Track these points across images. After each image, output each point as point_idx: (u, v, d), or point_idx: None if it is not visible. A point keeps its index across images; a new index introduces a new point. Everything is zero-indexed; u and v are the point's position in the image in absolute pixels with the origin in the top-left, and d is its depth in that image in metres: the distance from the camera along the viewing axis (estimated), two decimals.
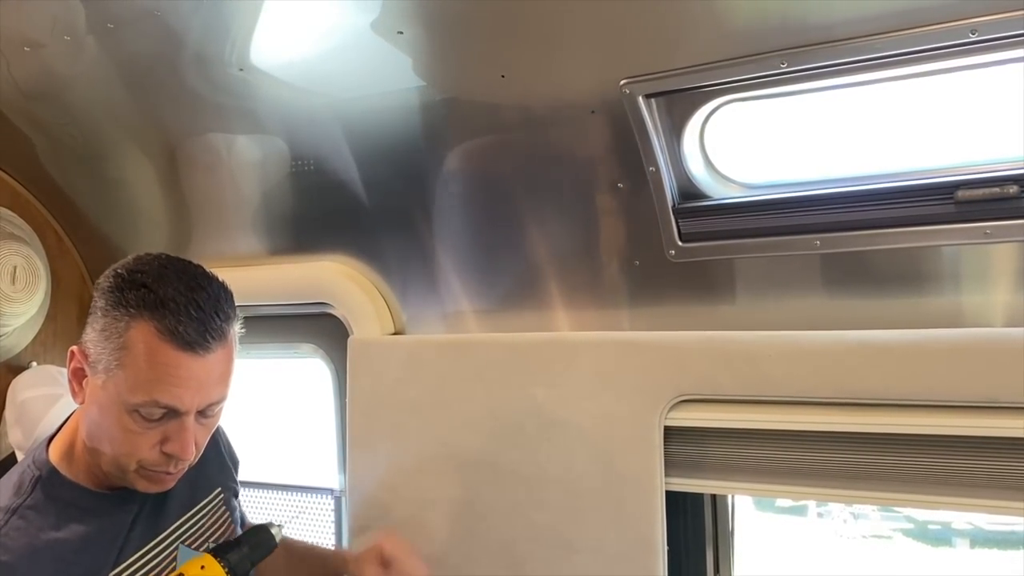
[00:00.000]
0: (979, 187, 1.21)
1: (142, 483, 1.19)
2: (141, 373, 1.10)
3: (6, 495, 1.17)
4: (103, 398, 1.13)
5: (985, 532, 3.63)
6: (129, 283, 1.13)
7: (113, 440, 1.15)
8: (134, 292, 1.12)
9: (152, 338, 1.10)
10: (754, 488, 1.47)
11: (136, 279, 1.13)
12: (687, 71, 1.29)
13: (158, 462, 1.17)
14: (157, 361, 1.10)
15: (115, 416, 1.13)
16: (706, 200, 1.44)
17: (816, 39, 1.19)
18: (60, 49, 1.65)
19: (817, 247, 1.35)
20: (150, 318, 1.10)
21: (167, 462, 1.17)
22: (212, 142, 1.81)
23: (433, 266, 1.75)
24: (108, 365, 1.12)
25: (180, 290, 1.12)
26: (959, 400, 1.27)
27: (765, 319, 1.44)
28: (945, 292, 1.33)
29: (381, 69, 1.50)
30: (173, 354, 1.10)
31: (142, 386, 1.11)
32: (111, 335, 1.12)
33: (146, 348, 1.10)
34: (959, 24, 1.11)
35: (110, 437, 1.14)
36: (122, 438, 1.14)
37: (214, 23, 1.50)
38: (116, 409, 1.12)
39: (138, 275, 1.14)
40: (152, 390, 1.11)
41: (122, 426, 1.13)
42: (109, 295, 1.14)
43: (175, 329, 1.10)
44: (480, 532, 1.63)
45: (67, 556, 1.15)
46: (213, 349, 1.13)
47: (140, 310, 1.11)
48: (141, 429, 1.13)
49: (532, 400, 1.58)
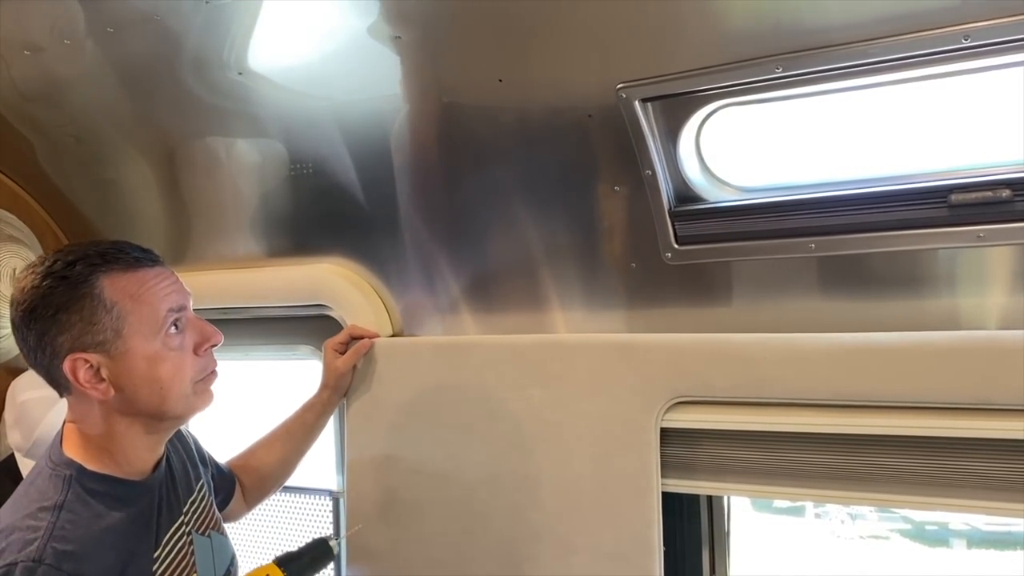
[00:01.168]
0: (972, 191, 1.22)
1: (203, 398, 1.30)
2: (140, 305, 1.21)
3: (45, 497, 1.20)
4: (139, 353, 1.21)
5: (982, 533, 3.63)
6: (61, 274, 1.18)
7: (170, 374, 1.23)
8: (73, 270, 1.18)
9: (119, 279, 1.20)
10: (750, 489, 1.48)
11: (58, 269, 1.19)
12: (683, 76, 1.30)
13: (203, 366, 1.28)
14: (140, 288, 1.21)
15: (156, 354, 1.22)
16: (702, 203, 1.44)
17: (812, 44, 1.20)
18: (60, 52, 1.66)
19: (812, 250, 1.36)
20: (104, 271, 1.20)
21: (207, 363, 1.29)
22: (211, 145, 1.82)
23: (431, 268, 1.76)
24: (116, 329, 1.19)
25: (97, 246, 1.23)
26: (954, 402, 1.27)
27: (761, 321, 1.45)
28: (940, 295, 1.34)
29: (379, 73, 1.50)
30: (141, 275, 1.22)
31: (149, 311, 1.21)
32: (94, 311, 1.18)
33: (124, 287, 1.20)
34: (953, 30, 1.11)
35: (169, 374, 1.23)
36: (173, 364, 1.23)
37: (213, 27, 1.51)
38: (153, 348, 1.21)
39: (56, 265, 1.19)
40: (157, 307, 1.22)
41: (167, 356, 1.23)
42: (56, 294, 1.18)
43: (125, 259, 1.22)
44: (477, 533, 1.63)
45: (119, 540, 1.21)
46: (159, 261, 1.27)
47: (93, 273, 1.19)
48: (177, 345, 1.24)
49: (529, 401, 1.59)
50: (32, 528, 1.15)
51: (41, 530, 1.14)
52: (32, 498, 1.20)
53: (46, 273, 1.18)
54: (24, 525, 1.16)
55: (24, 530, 1.15)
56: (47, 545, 1.13)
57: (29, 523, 1.16)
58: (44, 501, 1.19)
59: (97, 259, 1.20)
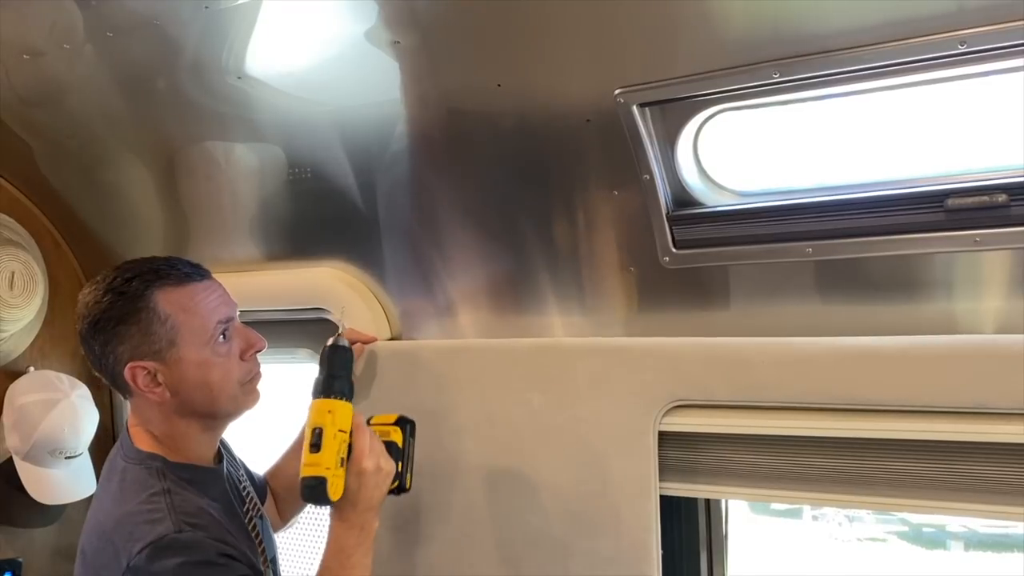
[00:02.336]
0: (969, 195, 1.22)
1: (250, 397, 1.41)
2: (191, 317, 1.32)
3: (147, 486, 1.29)
4: (191, 360, 1.32)
5: (980, 535, 3.63)
6: (120, 290, 1.31)
7: (219, 378, 1.34)
8: (131, 286, 1.30)
9: (172, 293, 1.32)
10: (748, 493, 1.48)
11: (117, 285, 1.31)
12: (681, 81, 1.30)
13: (248, 370, 1.40)
14: (190, 302, 1.33)
15: (206, 361, 1.33)
16: (700, 208, 1.44)
17: (809, 49, 1.20)
18: (59, 56, 1.66)
19: (809, 254, 1.36)
20: (159, 286, 1.31)
21: (252, 367, 1.41)
22: (210, 149, 1.82)
23: (429, 272, 1.76)
24: (170, 339, 1.31)
25: (149, 263, 1.35)
26: (950, 406, 1.27)
27: (758, 325, 1.45)
28: (936, 299, 1.34)
29: (377, 78, 1.51)
30: (191, 289, 1.34)
31: (200, 323, 1.33)
32: (150, 323, 1.30)
33: (176, 301, 1.32)
34: (950, 35, 1.12)
35: (218, 378, 1.34)
36: (222, 369, 1.34)
37: (212, 32, 1.52)
38: (204, 355, 1.33)
39: (116, 282, 1.32)
40: (207, 318, 1.33)
41: (216, 362, 1.34)
42: (116, 307, 1.30)
43: (177, 275, 1.33)
44: (476, 536, 1.64)
45: (223, 517, 1.33)
46: (208, 276, 1.39)
47: (148, 288, 1.31)
48: (225, 352, 1.35)
49: (528, 405, 1.59)
50: (153, 511, 1.25)
51: (163, 510, 1.24)
52: (135, 489, 1.29)
53: (107, 289, 1.31)
54: (143, 510, 1.25)
55: (146, 513, 1.25)
56: (178, 518, 1.23)
57: (147, 507, 1.25)
58: (149, 489, 1.28)
59: (151, 275, 1.32)
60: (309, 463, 1.30)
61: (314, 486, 1.29)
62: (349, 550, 1.32)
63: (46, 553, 2.22)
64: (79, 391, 2.12)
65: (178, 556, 1.19)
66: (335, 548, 1.33)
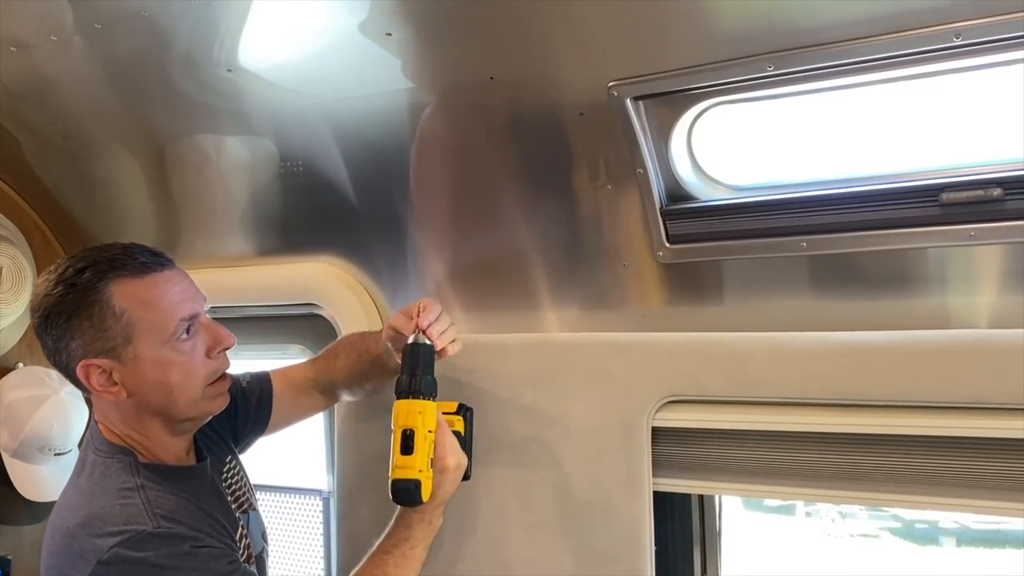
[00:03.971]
0: (964, 190, 1.22)
1: (216, 401, 1.31)
2: (149, 313, 1.21)
3: (120, 480, 1.22)
4: (149, 359, 1.22)
5: (972, 531, 3.65)
6: (72, 281, 1.21)
7: (180, 379, 1.24)
8: (82, 277, 1.20)
9: (128, 285, 1.21)
10: (741, 488, 1.47)
11: (69, 276, 1.21)
12: (675, 74, 1.29)
13: (215, 369, 1.29)
14: (149, 295, 1.22)
15: (166, 359, 1.23)
16: (694, 202, 1.44)
17: (803, 42, 1.20)
18: (47, 49, 1.65)
19: (803, 249, 1.36)
20: (113, 277, 1.21)
21: (220, 366, 1.30)
22: (200, 143, 1.81)
23: (422, 267, 1.75)
24: (125, 336, 1.20)
25: (107, 251, 1.24)
26: (944, 401, 1.27)
27: (752, 320, 1.45)
28: (931, 294, 1.34)
29: (370, 71, 1.50)
30: (149, 280, 1.22)
31: (158, 318, 1.22)
32: (104, 317, 1.19)
33: (133, 294, 1.21)
34: (944, 28, 1.11)
35: (177, 379, 1.24)
36: (183, 369, 1.24)
37: (202, 24, 1.50)
38: (162, 354, 1.22)
39: (67, 272, 1.21)
40: (167, 315, 1.22)
41: (177, 361, 1.23)
42: (67, 301, 1.20)
43: (134, 265, 1.22)
44: (468, 532, 1.63)
45: (204, 515, 1.26)
46: (169, 265, 1.27)
47: (101, 280, 1.20)
48: (188, 350, 1.24)
49: (521, 400, 1.58)
50: (128, 506, 1.18)
51: (140, 505, 1.18)
52: (108, 485, 1.22)
53: (58, 280, 1.21)
54: (117, 504, 1.19)
55: (121, 508, 1.18)
56: (154, 514, 1.17)
57: (121, 503, 1.19)
58: (123, 484, 1.21)
59: (105, 265, 1.21)
60: (402, 465, 1.28)
61: (410, 489, 1.28)
62: (415, 541, 1.33)
63: (35, 550, 2.18)
64: (68, 387, 2.11)
65: (156, 549, 1.14)
66: (401, 537, 1.33)
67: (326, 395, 1.63)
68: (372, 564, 1.34)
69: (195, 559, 1.17)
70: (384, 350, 1.46)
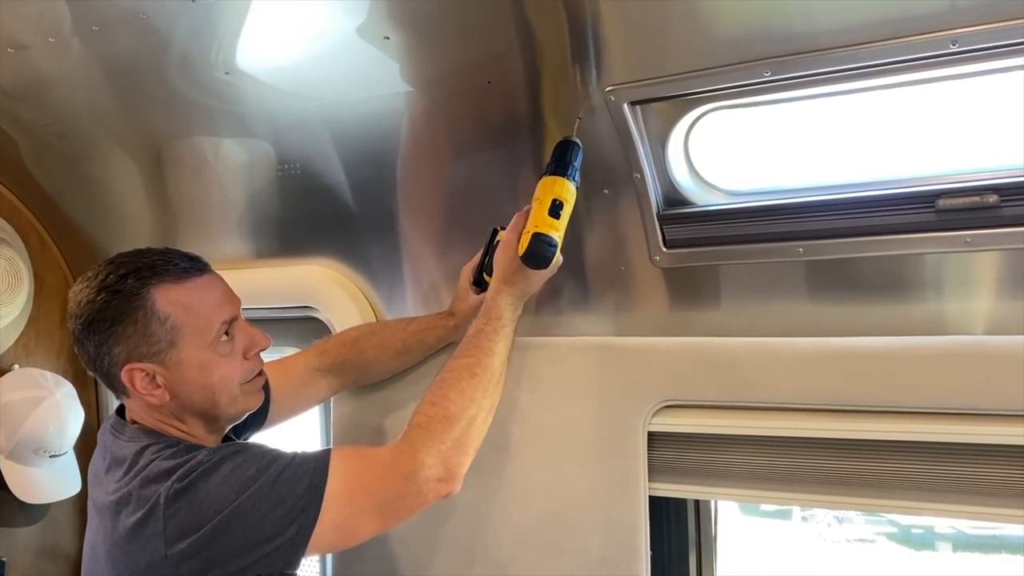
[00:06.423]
0: (960, 196, 1.22)
1: (252, 399, 1.36)
2: (192, 316, 1.26)
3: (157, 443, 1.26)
4: (192, 361, 1.26)
5: (968, 536, 3.64)
6: (115, 288, 1.23)
7: (220, 380, 1.29)
8: (127, 283, 1.23)
9: (170, 290, 1.25)
10: (737, 494, 1.47)
11: (111, 283, 1.24)
12: (672, 78, 1.29)
13: (251, 369, 1.34)
14: (191, 299, 1.26)
15: (209, 361, 1.27)
16: (691, 207, 1.44)
17: (800, 48, 1.20)
18: (45, 50, 1.65)
19: (800, 254, 1.36)
20: (156, 283, 1.24)
21: (255, 365, 1.35)
22: (198, 145, 1.80)
23: (418, 270, 1.75)
24: (170, 339, 1.24)
25: (146, 257, 1.27)
26: (940, 407, 1.27)
27: (749, 325, 1.45)
28: (927, 300, 1.34)
29: (368, 74, 1.50)
30: (191, 285, 1.27)
31: (201, 322, 1.26)
32: (148, 322, 1.23)
33: (176, 299, 1.25)
34: (941, 35, 1.11)
35: (219, 380, 1.29)
36: (224, 370, 1.29)
37: (200, 26, 1.50)
38: (205, 356, 1.27)
39: (109, 279, 1.24)
40: (209, 318, 1.27)
41: (218, 362, 1.28)
42: (111, 307, 1.23)
43: (175, 270, 1.26)
44: (464, 536, 1.63)
45: None
46: (208, 269, 1.32)
47: (145, 286, 1.24)
48: (227, 351, 1.29)
49: (517, 404, 1.58)
50: (176, 452, 1.23)
51: (186, 451, 1.23)
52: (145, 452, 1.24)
53: (100, 287, 1.24)
54: (163, 456, 1.22)
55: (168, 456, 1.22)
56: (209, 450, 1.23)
57: (167, 451, 1.23)
58: (162, 444, 1.25)
59: (147, 271, 1.25)
60: (549, 224, 1.31)
61: (553, 244, 1.32)
62: (505, 320, 1.38)
63: (30, 553, 2.20)
64: (64, 389, 2.11)
65: (227, 465, 1.19)
66: (493, 315, 1.37)
67: (330, 380, 1.66)
68: (467, 350, 1.38)
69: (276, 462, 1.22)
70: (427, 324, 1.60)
